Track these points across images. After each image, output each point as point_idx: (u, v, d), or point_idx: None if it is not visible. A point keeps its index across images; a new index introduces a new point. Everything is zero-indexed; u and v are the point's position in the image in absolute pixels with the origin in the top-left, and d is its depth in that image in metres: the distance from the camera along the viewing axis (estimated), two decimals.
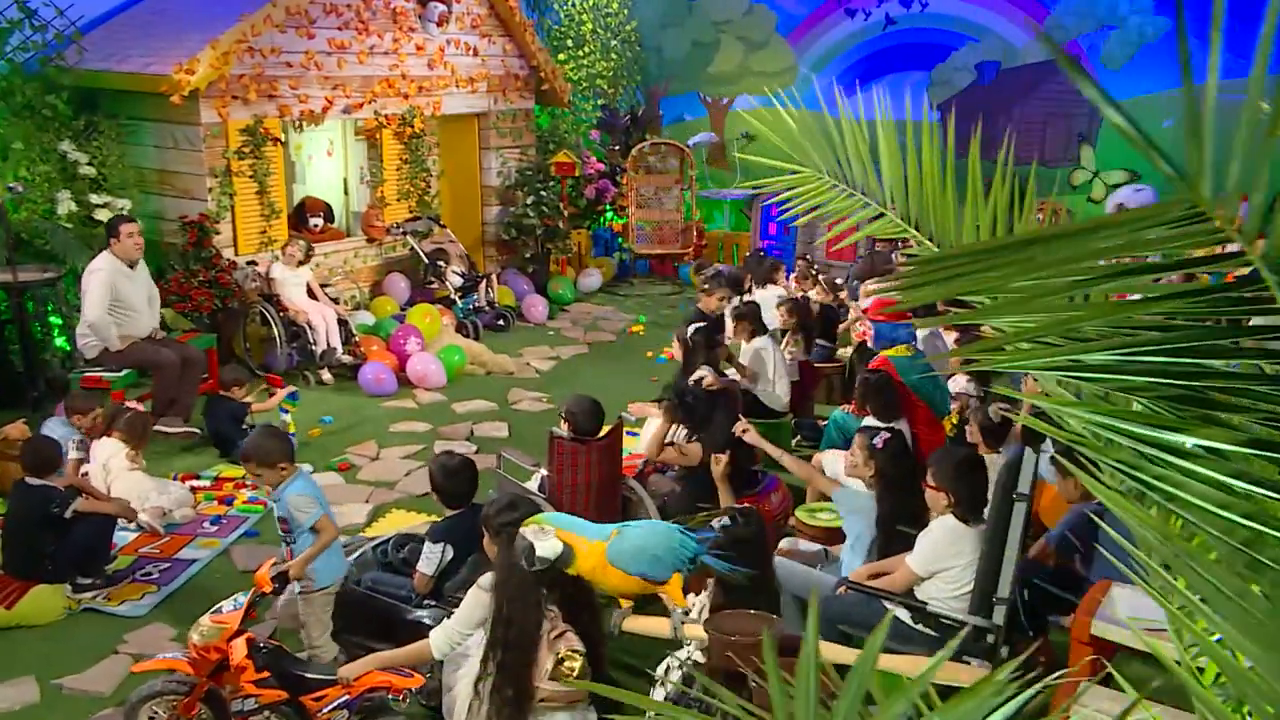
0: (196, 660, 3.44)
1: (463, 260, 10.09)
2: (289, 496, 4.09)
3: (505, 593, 3.31)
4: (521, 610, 3.29)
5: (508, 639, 3.27)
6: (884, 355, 5.88)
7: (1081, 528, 3.90)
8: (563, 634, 3.38)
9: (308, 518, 4.08)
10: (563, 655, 3.32)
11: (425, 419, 7.39)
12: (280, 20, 8.33)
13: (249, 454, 4.15)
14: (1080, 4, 10.16)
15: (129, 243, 6.66)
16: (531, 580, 3.30)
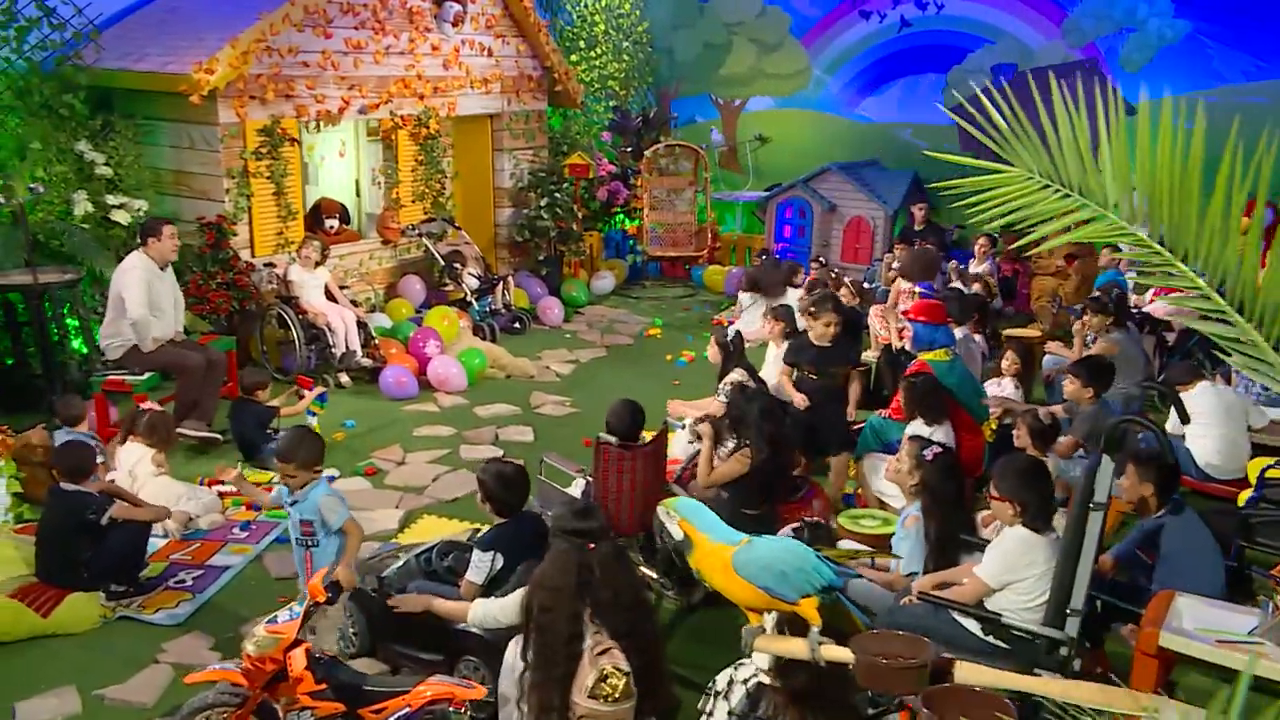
0: (250, 671, 3.36)
1: (478, 262, 10.02)
2: (320, 498, 4.07)
3: (538, 598, 3.26)
4: (550, 620, 3.24)
5: (538, 644, 3.23)
6: (922, 359, 5.83)
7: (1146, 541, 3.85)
8: (607, 650, 3.32)
9: (337, 518, 4.07)
10: (606, 672, 3.26)
11: (448, 423, 7.31)
12: (299, 19, 8.26)
13: (289, 454, 4.10)
14: (1098, 6, 10.13)
15: (169, 244, 6.60)
16: (568, 592, 3.25)
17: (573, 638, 3.18)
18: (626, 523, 4.54)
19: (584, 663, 3.23)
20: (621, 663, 3.15)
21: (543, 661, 3.18)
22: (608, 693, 3.15)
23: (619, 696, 3.16)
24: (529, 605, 3.24)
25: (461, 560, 4.35)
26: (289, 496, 4.16)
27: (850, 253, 11.05)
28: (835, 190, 11.04)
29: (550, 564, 3.30)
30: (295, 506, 4.12)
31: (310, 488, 4.10)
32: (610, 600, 3.28)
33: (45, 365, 6.80)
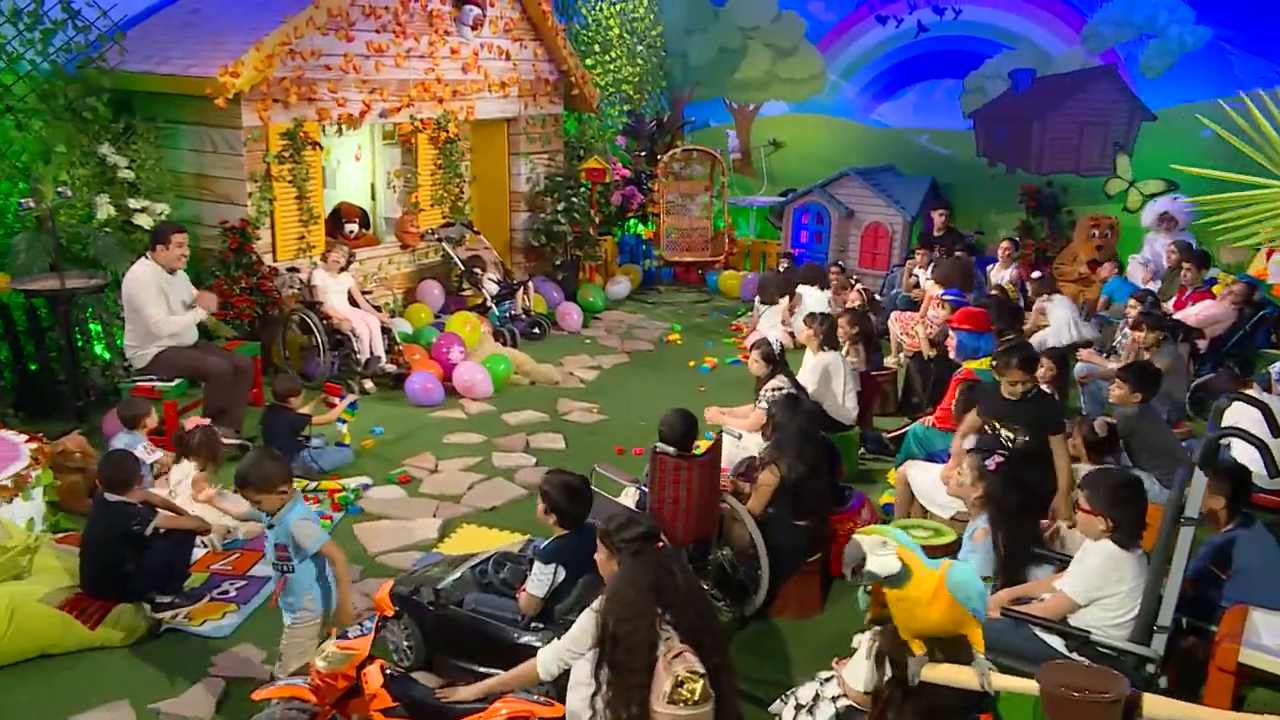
0: (320, 688, 3.30)
1: (497, 267, 9.96)
2: (293, 521, 3.79)
3: (614, 611, 3.20)
4: (630, 630, 3.18)
5: (615, 659, 3.16)
6: (968, 367, 5.79)
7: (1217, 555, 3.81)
8: (680, 654, 3.26)
9: (313, 542, 3.79)
10: (681, 678, 3.20)
11: (477, 430, 7.24)
12: (322, 22, 8.19)
13: (246, 479, 3.79)
14: (1118, 13, 10.12)
15: (175, 253, 6.49)
16: (645, 600, 3.19)
17: (651, 646, 3.12)
18: (681, 534, 4.49)
19: (659, 669, 3.17)
20: (696, 665, 3.09)
21: (621, 674, 3.11)
22: (686, 697, 3.09)
23: (698, 699, 3.10)
24: (604, 622, 3.17)
25: (517, 573, 4.29)
26: (267, 519, 3.88)
27: (868, 258, 11.02)
28: (853, 196, 11.01)
29: (626, 574, 3.23)
30: (271, 531, 3.85)
31: (285, 510, 3.81)
32: (684, 601, 3.22)
33: (70, 371, 6.70)
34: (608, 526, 3.36)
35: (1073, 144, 10.72)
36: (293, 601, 3.82)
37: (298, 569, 3.81)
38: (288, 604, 3.84)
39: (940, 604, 2.84)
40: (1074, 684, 2.78)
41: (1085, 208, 10.60)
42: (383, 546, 5.45)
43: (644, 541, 3.27)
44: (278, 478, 3.78)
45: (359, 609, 4.77)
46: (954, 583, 2.85)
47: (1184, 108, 9.94)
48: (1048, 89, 10.73)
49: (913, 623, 2.96)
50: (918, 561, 2.89)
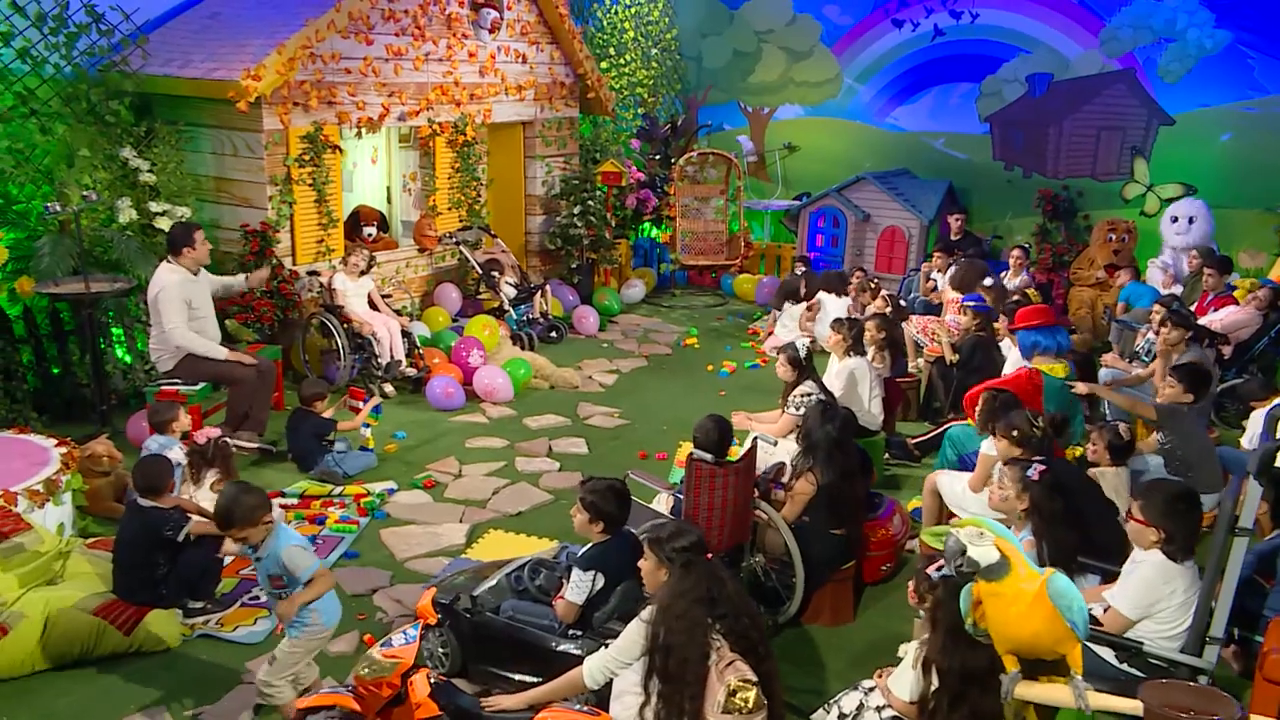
0: (364, 696, 3.29)
1: (514, 270, 9.94)
2: (284, 551, 3.66)
3: (667, 620, 3.18)
4: (684, 639, 3.16)
5: (667, 669, 3.14)
6: (1038, 369, 5.67)
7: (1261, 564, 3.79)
8: (731, 663, 3.25)
9: (306, 569, 3.68)
10: (734, 686, 3.19)
11: (499, 434, 7.23)
12: (343, 26, 8.18)
13: (230, 516, 3.64)
14: (1137, 17, 10.09)
15: (203, 250, 6.51)
16: (698, 608, 3.18)
17: (703, 656, 3.11)
18: (716, 540, 4.47)
19: (711, 679, 3.15)
20: (748, 673, 3.08)
21: (674, 685, 3.09)
22: (740, 706, 3.08)
23: (752, 708, 3.08)
24: (655, 633, 3.15)
25: (553, 579, 4.28)
26: (252, 553, 3.76)
27: (884, 262, 11.00)
28: (869, 199, 10.99)
29: (677, 585, 3.21)
30: (260, 564, 3.74)
31: (270, 540, 3.69)
32: (735, 610, 3.21)
33: (95, 375, 6.70)
34: (657, 536, 3.34)
35: (1090, 148, 10.69)
36: (297, 621, 3.74)
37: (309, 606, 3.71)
38: (292, 624, 3.75)
39: (1041, 613, 2.78)
40: (1180, 704, 2.69)
41: (1102, 212, 10.57)
42: (411, 552, 5.43)
43: (694, 552, 3.25)
44: (261, 508, 3.68)
45: (390, 615, 4.79)
46: (1055, 590, 2.80)
47: (1203, 112, 9.91)
48: (1065, 93, 10.70)
49: (1007, 630, 2.90)
50: (1017, 555, 2.83)
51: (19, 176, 7.00)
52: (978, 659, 3.21)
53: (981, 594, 2.88)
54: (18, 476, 4.90)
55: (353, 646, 4.52)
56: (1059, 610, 2.78)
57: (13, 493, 4.70)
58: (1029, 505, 3.94)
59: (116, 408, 7.00)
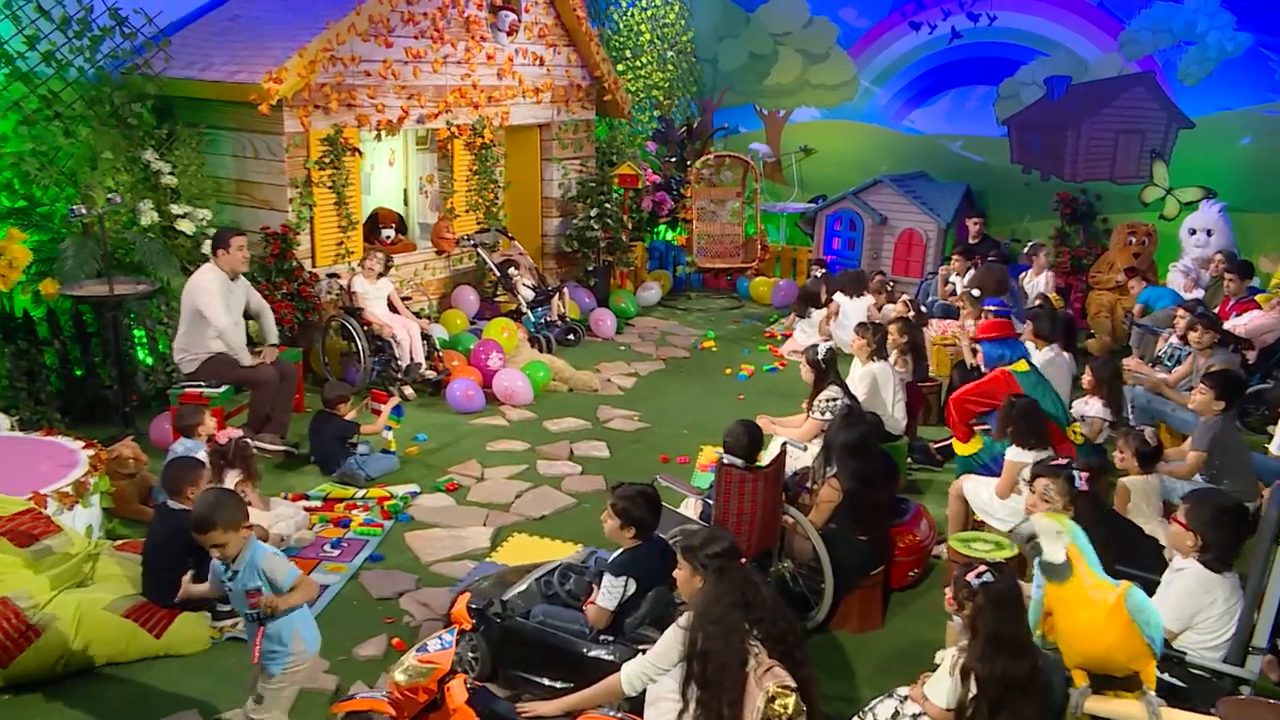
0: (400, 701, 3.29)
1: (532, 273, 9.95)
2: (262, 559, 3.46)
3: (704, 626, 3.18)
4: (721, 644, 3.16)
5: (705, 675, 3.14)
6: (1007, 370, 5.76)
7: None
8: (770, 669, 3.24)
9: (288, 575, 3.47)
10: (773, 693, 3.18)
11: (520, 437, 7.23)
12: (363, 29, 8.20)
13: (211, 521, 3.38)
14: (1157, 20, 10.05)
15: (237, 256, 6.55)
16: (734, 613, 3.17)
17: (742, 663, 3.10)
18: (745, 545, 4.45)
19: (749, 685, 3.14)
20: (786, 679, 3.07)
21: (712, 691, 3.09)
22: (780, 712, 3.07)
23: (791, 715, 3.07)
24: (693, 640, 3.15)
25: (582, 584, 4.27)
26: (224, 571, 3.50)
27: (901, 266, 10.97)
28: (887, 203, 10.96)
29: (712, 591, 3.21)
30: (237, 579, 3.45)
31: (245, 551, 3.46)
32: (771, 615, 3.20)
33: (119, 377, 6.71)
34: (690, 544, 3.34)
35: (1108, 151, 10.66)
36: (279, 650, 3.49)
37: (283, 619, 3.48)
38: (273, 654, 3.50)
39: (1118, 627, 2.75)
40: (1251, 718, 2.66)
41: (1121, 215, 10.53)
42: (436, 555, 5.43)
43: (728, 557, 3.25)
44: (241, 513, 3.48)
45: (418, 619, 4.79)
46: (1135, 604, 2.78)
47: (1223, 115, 9.87)
48: (1084, 96, 10.67)
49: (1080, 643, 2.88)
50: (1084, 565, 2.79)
51: (43, 179, 7.03)
52: (1019, 667, 3.20)
53: (1051, 603, 2.86)
54: (47, 479, 4.91)
55: (381, 650, 4.52)
56: (1137, 625, 2.76)
57: (43, 495, 4.71)
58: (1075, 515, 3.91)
59: (138, 409, 7.01)
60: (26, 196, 7.14)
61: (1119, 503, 4.91)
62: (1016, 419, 5.20)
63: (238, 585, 3.46)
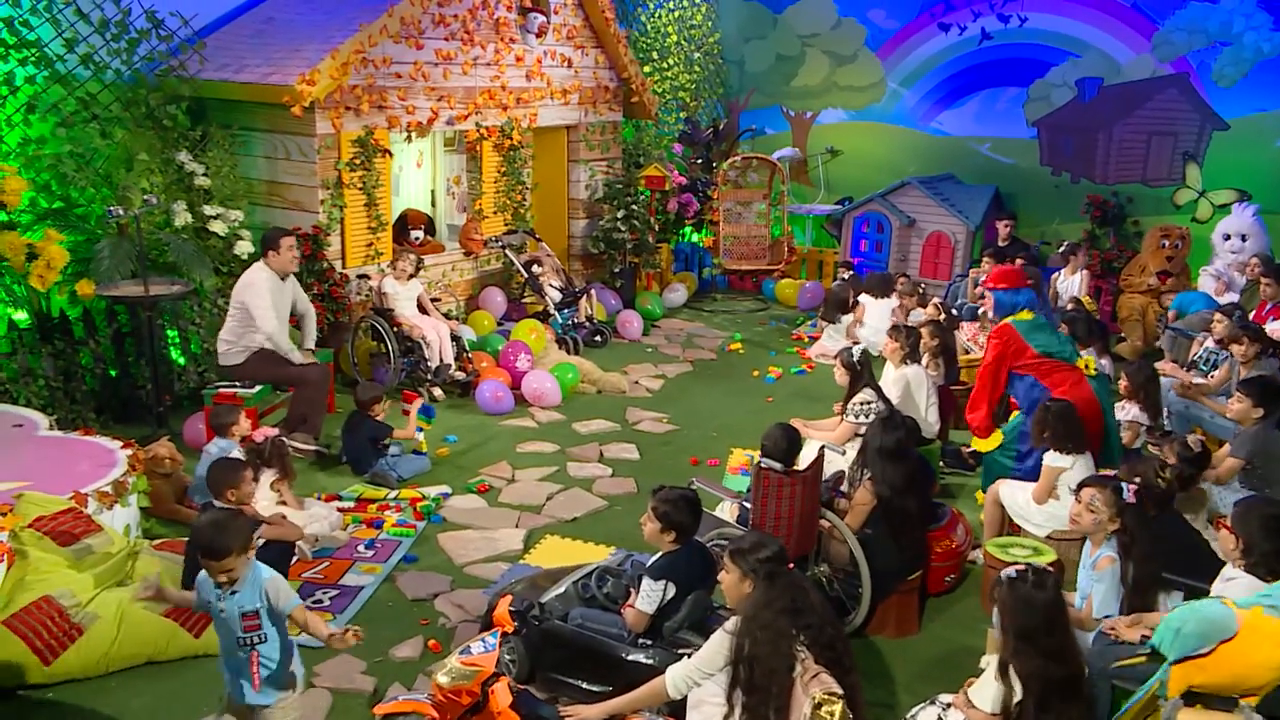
0: (443, 704, 3.29)
1: (558, 273, 9.95)
2: (265, 580, 3.27)
3: (752, 632, 3.16)
4: (769, 650, 3.14)
5: (752, 680, 3.12)
6: (1006, 322, 5.80)
7: None
8: (817, 675, 3.22)
9: (291, 600, 3.30)
10: (819, 699, 3.16)
11: (549, 439, 7.23)
12: (395, 31, 8.24)
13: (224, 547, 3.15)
14: (1192, 20, 9.95)
15: (287, 256, 6.62)
16: (783, 619, 3.15)
17: (789, 668, 3.09)
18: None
19: (795, 691, 3.13)
20: (833, 686, 3.05)
21: (759, 697, 3.07)
22: (825, 719, 3.05)
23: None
24: (740, 644, 3.13)
25: (620, 587, 4.27)
26: (219, 596, 3.25)
27: (929, 268, 10.90)
28: (915, 205, 10.90)
29: (762, 596, 3.19)
30: (233, 599, 3.22)
31: (248, 571, 3.26)
32: (820, 621, 3.19)
33: (155, 377, 6.76)
34: (739, 548, 3.33)
35: (1140, 153, 10.56)
36: (279, 675, 3.34)
37: (269, 635, 3.30)
38: (275, 680, 3.34)
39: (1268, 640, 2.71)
40: None
41: (1152, 218, 10.44)
42: (469, 557, 5.44)
43: (777, 562, 3.24)
44: (248, 532, 3.28)
45: (453, 620, 4.79)
46: None
47: (1259, 117, 9.76)
48: (1115, 98, 10.57)
49: (1235, 666, 2.83)
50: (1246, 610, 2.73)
51: (80, 180, 7.09)
52: (1054, 669, 3.18)
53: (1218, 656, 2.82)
54: (86, 478, 4.96)
55: (417, 652, 4.53)
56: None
57: (83, 494, 4.75)
58: (1121, 528, 3.88)
59: (172, 409, 7.06)
60: (63, 197, 7.21)
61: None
62: (1053, 422, 5.16)
63: (233, 606, 3.22)
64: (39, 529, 4.38)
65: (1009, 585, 3.24)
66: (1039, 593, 3.20)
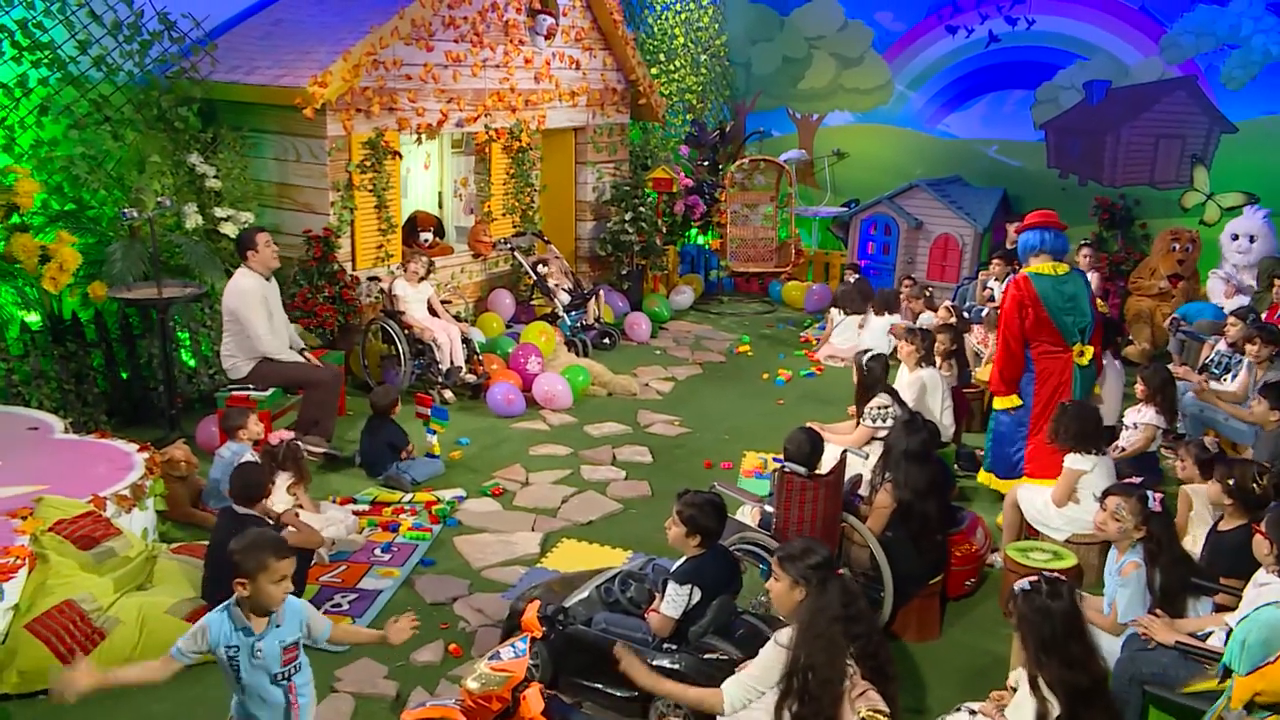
0: (473, 709, 3.28)
1: (566, 275, 9.94)
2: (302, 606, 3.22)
3: (809, 641, 3.14)
4: (825, 659, 3.12)
5: (807, 690, 3.09)
6: (1024, 272, 5.71)
7: None
8: (864, 693, 3.21)
9: (325, 623, 3.27)
10: (865, 716, 3.15)
11: (562, 442, 7.22)
12: (406, 32, 8.23)
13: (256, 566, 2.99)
14: (1200, 23, 9.96)
15: (267, 253, 6.55)
16: (837, 626, 3.14)
17: (842, 678, 3.07)
18: None
19: (843, 707, 3.11)
20: (879, 703, 3.04)
21: (813, 709, 3.04)
22: None
23: None
24: (797, 656, 3.11)
25: (643, 592, 4.25)
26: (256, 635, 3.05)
27: (937, 270, 10.90)
28: (922, 207, 10.89)
29: (815, 604, 3.17)
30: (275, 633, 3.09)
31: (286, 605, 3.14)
32: (869, 629, 3.18)
33: (168, 380, 6.74)
34: (789, 554, 3.31)
35: (1148, 156, 10.56)
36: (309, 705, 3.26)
37: (304, 666, 3.24)
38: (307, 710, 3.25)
39: None
40: None
41: (1160, 221, 10.44)
42: (487, 560, 5.43)
43: (828, 569, 3.22)
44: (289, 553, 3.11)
45: (473, 625, 4.78)
46: None
47: (1268, 119, 9.77)
48: (1123, 100, 10.58)
49: None
50: None
51: (92, 182, 7.07)
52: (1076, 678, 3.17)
53: None
54: (104, 481, 4.94)
55: (438, 656, 4.52)
56: None
57: (102, 498, 4.74)
58: (1147, 535, 3.87)
59: (183, 411, 7.05)
60: (75, 200, 7.19)
61: (1181, 511, 4.85)
62: (1070, 420, 5.15)
63: (274, 641, 3.07)
64: (59, 533, 4.37)
65: (1024, 598, 3.22)
66: (1055, 603, 3.19)
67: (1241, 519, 4.05)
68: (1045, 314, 5.62)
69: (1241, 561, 3.72)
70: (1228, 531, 4.10)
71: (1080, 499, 5.05)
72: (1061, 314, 5.65)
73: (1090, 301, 5.79)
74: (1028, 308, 5.65)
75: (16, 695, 4.06)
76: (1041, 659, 3.21)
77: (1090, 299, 5.80)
